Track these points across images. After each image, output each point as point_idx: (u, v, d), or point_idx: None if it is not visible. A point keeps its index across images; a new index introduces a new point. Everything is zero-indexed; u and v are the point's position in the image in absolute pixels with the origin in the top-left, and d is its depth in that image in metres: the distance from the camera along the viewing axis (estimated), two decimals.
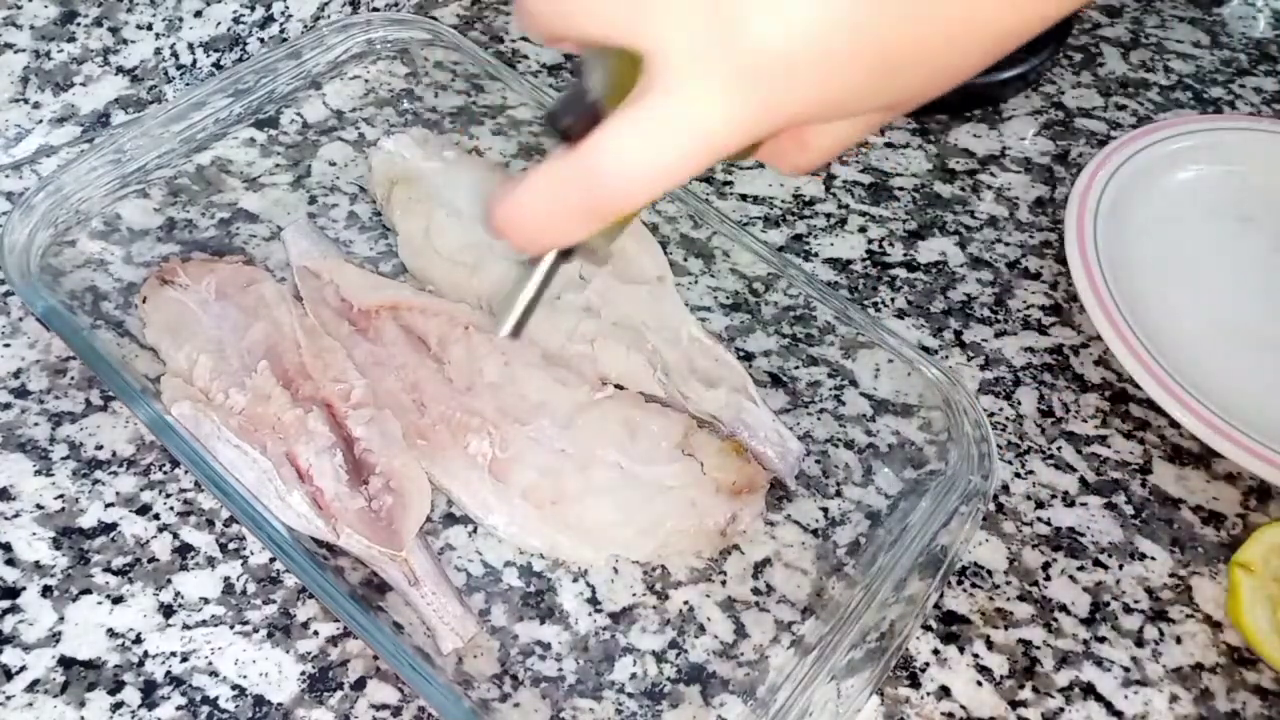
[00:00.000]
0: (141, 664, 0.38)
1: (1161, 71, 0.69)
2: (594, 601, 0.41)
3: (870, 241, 0.56)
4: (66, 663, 0.38)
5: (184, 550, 0.41)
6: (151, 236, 0.50)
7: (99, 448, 0.44)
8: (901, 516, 0.43)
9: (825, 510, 0.45)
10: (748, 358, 0.49)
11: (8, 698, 0.37)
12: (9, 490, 0.42)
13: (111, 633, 0.39)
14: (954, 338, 0.52)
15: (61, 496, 0.42)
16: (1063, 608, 0.43)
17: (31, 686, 0.37)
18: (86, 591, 0.40)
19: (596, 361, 0.46)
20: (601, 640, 0.40)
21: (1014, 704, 0.40)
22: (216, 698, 0.38)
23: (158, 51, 0.55)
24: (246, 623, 0.40)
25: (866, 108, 0.28)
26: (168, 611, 0.40)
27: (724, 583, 0.42)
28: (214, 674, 0.38)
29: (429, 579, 0.39)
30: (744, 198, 0.57)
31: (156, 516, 0.42)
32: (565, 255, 0.31)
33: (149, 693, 0.38)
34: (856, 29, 0.25)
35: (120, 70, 0.54)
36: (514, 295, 0.32)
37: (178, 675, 0.38)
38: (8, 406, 0.44)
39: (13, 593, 0.40)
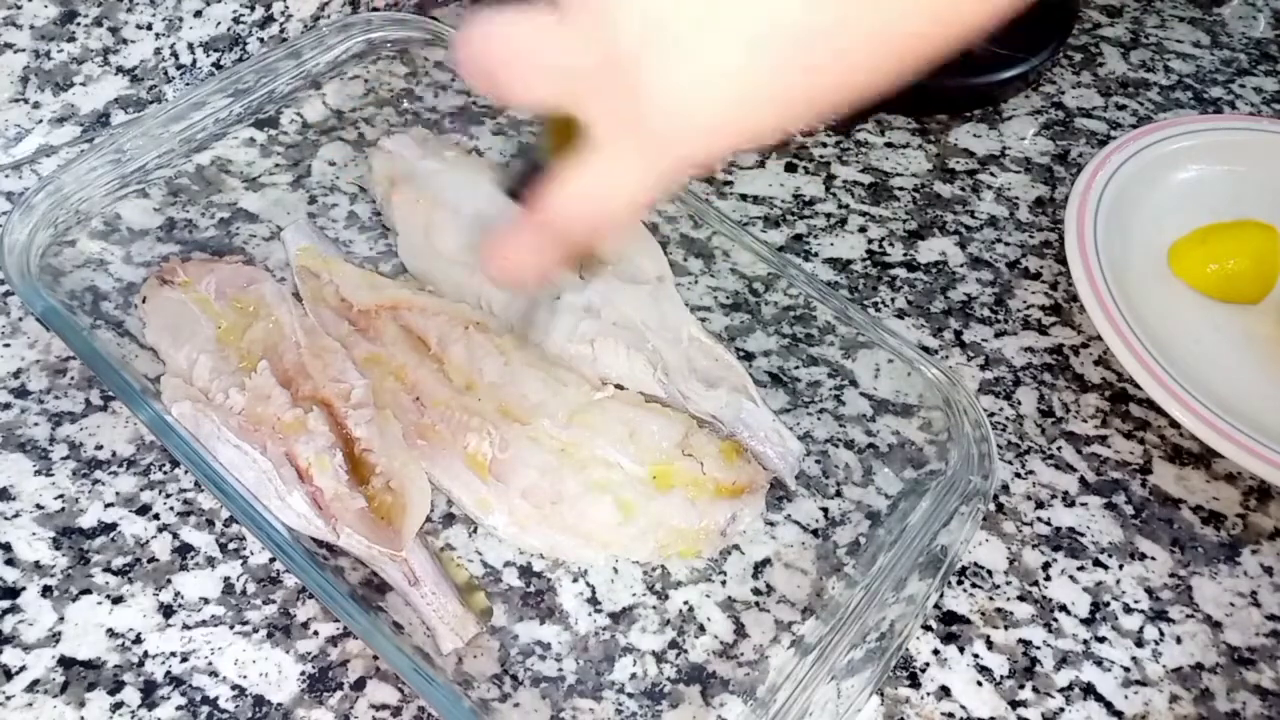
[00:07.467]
0: (141, 664, 0.38)
1: (1161, 71, 0.69)
2: (594, 601, 0.41)
3: (870, 241, 0.56)
4: (66, 663, 0.38)
5: (184, 550, 0.41)
6: (151, 236, 0.50)
7: (99, 448, 0.44)
8: (901, 516, 0.43)
9: (825, 510, 0.45)
10: (748, 358, 0.49)
11: (8, 698, 0.37)
12: (9, 490, 0.42)
13: (111, 633, 0.39)
14: (954, 338, 0.52)
15: (61, 496, 0.42)
16: (1063, 608, 0.43)
17: (31, 686, 0.37)
18: (86, 591, 0.40)
19: (596, 361, 0.46)
20: (601, 640, 0.40)
21: (1014, 704, 0.40)
22: (216, 698, 0.38)
23: (158, 51, 0.55)
24: (246, 623, 0.40)
25: (777, 133, 0.31)
26: (168, 611, 0.40)
27: (724, 583, 0.42)
28: (214, 674, 0.38)
29: (429, 579, 0.39)
30: (744, 198, 0.57)
31: (156, 516, 0.42)
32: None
33: (149, 693, 0.38)
34: (749, 90, 0.28)
35: (120, 70, 0.54)
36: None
37: (178, 675, 0.38)
38: (8, 406, 0.44)
39: (13, 593, 0.40)
